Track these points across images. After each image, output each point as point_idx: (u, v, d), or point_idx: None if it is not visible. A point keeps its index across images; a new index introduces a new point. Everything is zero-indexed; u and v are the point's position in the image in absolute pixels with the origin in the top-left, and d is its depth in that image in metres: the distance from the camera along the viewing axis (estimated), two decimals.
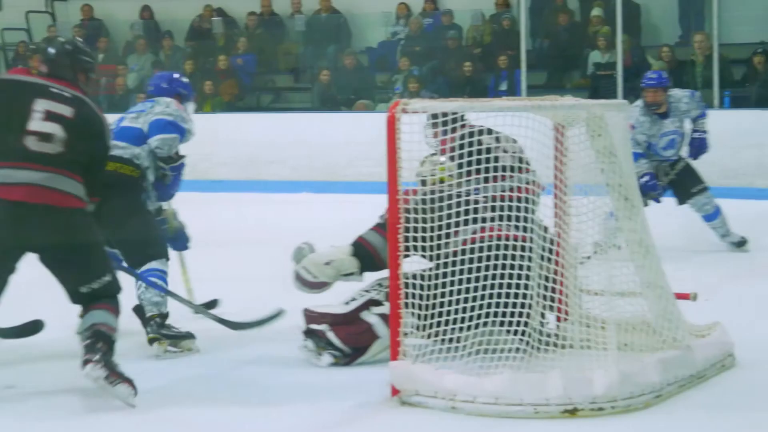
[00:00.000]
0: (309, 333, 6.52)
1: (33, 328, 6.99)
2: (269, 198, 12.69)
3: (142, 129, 7.13)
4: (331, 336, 6.42)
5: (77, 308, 5.92)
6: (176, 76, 7.69)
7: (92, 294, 5.90)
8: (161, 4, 20.93)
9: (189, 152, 7.30)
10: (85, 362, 5.70)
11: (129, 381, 5.74)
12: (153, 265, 6.89)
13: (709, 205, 10.14)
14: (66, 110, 5.94)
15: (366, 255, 6.65)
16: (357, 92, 18.87)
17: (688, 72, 16.33)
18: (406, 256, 6.02)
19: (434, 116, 6.09)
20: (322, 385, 6.14)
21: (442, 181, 6.48)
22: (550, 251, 6.22)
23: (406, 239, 5.97)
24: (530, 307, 6.01)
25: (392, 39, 19.35)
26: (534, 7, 18.36)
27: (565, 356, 5.87)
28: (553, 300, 6.19)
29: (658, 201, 10.03)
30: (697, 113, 10.21)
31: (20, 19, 21.30)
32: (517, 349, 5.89)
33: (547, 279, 6.18)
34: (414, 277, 6.01)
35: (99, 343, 5.76)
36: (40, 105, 5.92)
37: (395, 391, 5.68)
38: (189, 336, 6.96)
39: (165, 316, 6.96)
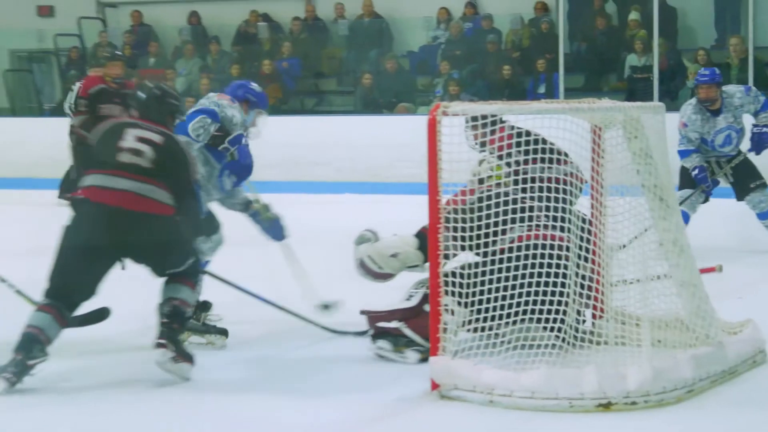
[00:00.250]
0: (380, 334, 6.48)
1: (99, 315, 7.04)
2: (313, 199, 12.74)
3: None
4: (409, 332, 6.43)
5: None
6: (251, 85, 7.71)
7: (178, 273, 6.29)
8: (209, 9, 21.01)
9: None
10: (158, 345, 6.07)
11: (190, 359, 6.12)
12: None
13: (765, 203, 9.87)
14: (155, 137, 6.33)
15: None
16: (398, 95, 18.88)
17: (724, 75, 16.19)
18: (455, 254, 6.11)
19: (474, 118, 6.11)
20: (366, 379, 6.18)
21: (498, 180, 6.49)
22: (587, 246, 6.24)
23: (455, 238, 6.06)
24: (567, 304, 6.03)
25: (433, 43, 19.36)
26: (572, 11, 18.32)
27: (600, 352, 5.86)
28: (589, 297, 6.21)
29: (709, 193, 9.86)
30: (755, 108, 9.89)
31: (72, 25, 21.40)
32: (554, 345, 5.90)
33: (584, 277, 6.20)
34: (459, 274, 6.05)
35: (174, 324, 6.17)
36: (132, 132, 6.32)
37: (435, 386, 5.70)
38: (219, 331, 7.06)
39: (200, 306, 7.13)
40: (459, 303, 6.01)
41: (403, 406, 5.68)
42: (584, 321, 6.13)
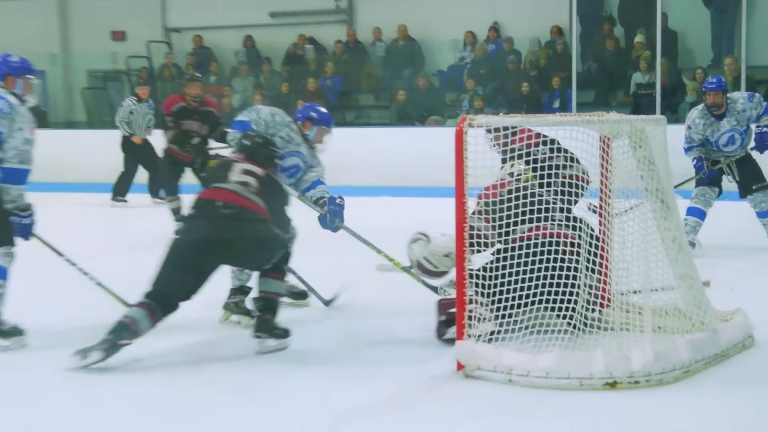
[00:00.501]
0: (451, 321, 6.26)
1: None
2: (354, 201, 12.67)
3: None
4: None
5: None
6: (316, 106, 7.80)
7: (269, 267, 6.50)
8: (262, 33, 21.04)
9: None
10: (256, 336, 6.41)
11: (286, 334, 6.47)
12: None
13: (765, 203, 9.79)
14: (258, 170, 6.62)
15: None
16: (429, 109, 18.88)
17: None
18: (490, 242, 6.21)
19: (496, 129, 6.12)
20: (398, 360, 6.20)
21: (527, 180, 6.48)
22: (595, 246, 6.24)
23: (489, 227, 6.17)
24: (577, 294, 6.03)
25: (460, 63, 19.34)
26: (584, 33, 18.27)
27: (607, 337, 5.88)
28: (597, 289, 6.21)
29: (704, 182, 9.78)
30: (757, 112, 9.81)
31: (142, 48, 21.49)
32: (565, 331, 5.93)
33: (593, 271, 6.21)
34: (483, 267, 6.06)
35: (266, 314, 6.46)
36: (239, 166, 6.63)
37: (460, 366, 5.72)
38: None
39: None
40: (483, 294, 6.03)
41: (432, 384, 5.70)
42: (593, 309, 6.12)
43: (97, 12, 22.50)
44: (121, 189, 15.17)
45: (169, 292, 6.22)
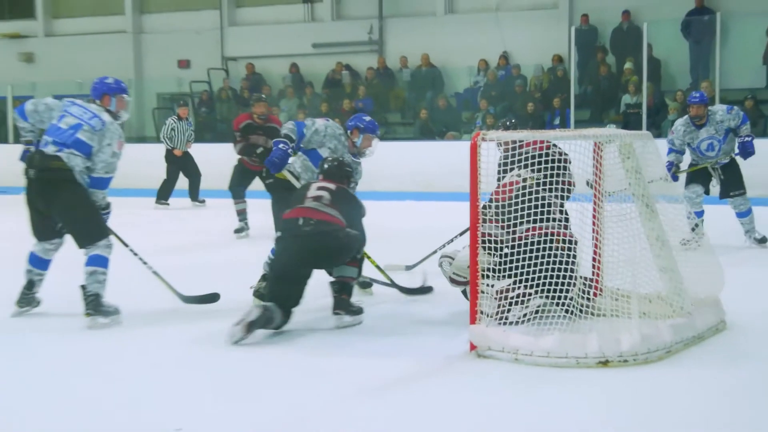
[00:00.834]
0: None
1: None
2: (381, 205, 12.73)
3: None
4: None
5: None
6: (363, 116, 7.83)
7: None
8: (305, 61, 21.09)
9: None
10: (335, 313, 6.58)
11: (360, 311, 6.63)
12: None
13: (743, 206, 9.80)
14: (331, 186, 6.80)
15: None
16: (448, 126, 18.88)
17: None
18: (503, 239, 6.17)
19: (506, 143, 6.10)
20: (419, 341, 6.16)
21: (532, 185, 6.44)
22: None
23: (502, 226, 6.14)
24: (573, 285, 6.00)
25: (474, 86, 19.32)
26: (581, 61, 18.24)
27: (599, 322, 5.83)
28: (590, 280, 6.18)
29: (675, 179, 9.60)
30: (735, 123, 9.72)
31: (203, 74, 21.60)
32: (564, 317, 5.90)
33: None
34: (494, 263, 6.04)
35: (343, 295, 6.63)
36: (314, 185, 6.81)
37: (473, 347, 5.70)
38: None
39: None
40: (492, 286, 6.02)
41: (449, 362, 5.67)
42: (587, 298, 6.08)
43: (165, 44, 22.67)
44: (163, 194, 15.49)
45: (282, 303, 6.28)
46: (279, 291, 6.32)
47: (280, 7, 21.82)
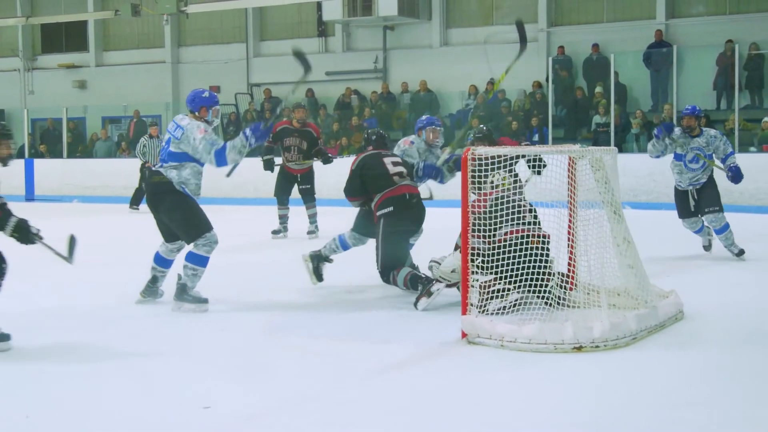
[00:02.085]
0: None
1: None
2: None
3: None
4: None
5: None
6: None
7: None
8: (319, 87, 21.06)
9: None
10: (418, 300, 6.68)
11: (428, 294, 6.63)
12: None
13: (716, 222, 8.85)
14: (398, 159, 7.38)
15: None
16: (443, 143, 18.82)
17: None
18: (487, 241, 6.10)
19: (493, 157, 6.07)
20: (416, 329, 6.13)
21: (506, 186, 6.42)
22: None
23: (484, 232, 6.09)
24: (551, 279, 5.97)
25: (465, 108, 19.27)
26: (557, 86, 18.19)
27: (574, 312, 5.79)
28: (566, 275, 6.16)
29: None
30: (724, 150, 8.87)
31: (231, 98, 21.61)
32: (543, 307, 5.87)
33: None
34: (480, 261, 6.01)
35: (422, 280, 6.78)
36: (387, 160, 7.29)
37: (464, 335, 5.66)
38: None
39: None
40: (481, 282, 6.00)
41: (443, 347, 5.64)
42: (563, 291, 6.05)
43: (199, 72, 22.73)
44: (135, 200, 15.62)
45: (398, 257, 7.00)
46: (396, 255, 6.95)
47: (298, 40, 21.80)
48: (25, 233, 5.63)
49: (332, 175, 13.33)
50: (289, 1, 19.80)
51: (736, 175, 8.96)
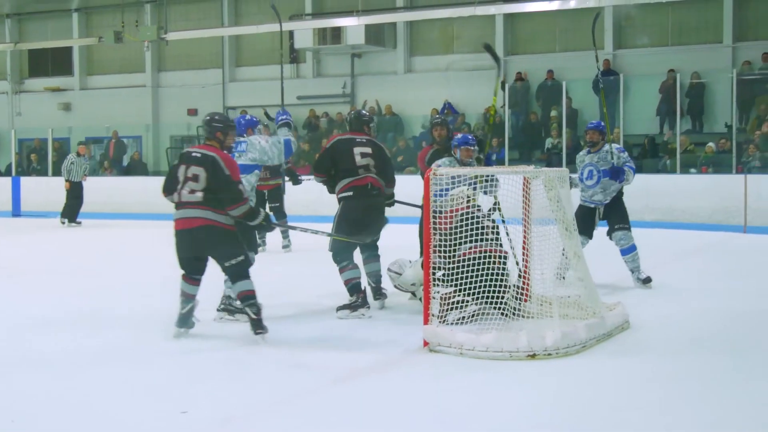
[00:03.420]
0: None
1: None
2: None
3: None
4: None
5: None
6: (458, 135, 8.12)
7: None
8: (291, 110, 20.88)
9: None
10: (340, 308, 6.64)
11: (351, 310, 6.55)
12: None
13: (624, 241, 8.13)
14: (369, 150, 7.03)
15: None
16: (406, 162, 18.86)
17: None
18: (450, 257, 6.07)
19: (453, 177, 6.09)
20: (381, 338, 6.12)
21: (472, 202, 6.43)
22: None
23: (447, 250, 6.06)
24: (507, 292, 5.99)
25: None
26: (513, 109, 18.30)
27: (528, 322, 5.82)
28: (521, 288, 6.18)
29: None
30: (618, 161, 8.13)
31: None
32: (500, 318, 5.88)
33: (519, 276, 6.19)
34: (442, 274, 6.02)
35: (360, 294, 6.66)
36: (357, 150, 6.94)
37: (426, 343, 5.67)
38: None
39: None
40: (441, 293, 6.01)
41: (405, 355, 5.65)
42: (519, 302, 6.07)
43: (178, 95, 22.68)
44: (67, 214, 15.61)
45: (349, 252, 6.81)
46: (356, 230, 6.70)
47: (271, 67, 21.82)
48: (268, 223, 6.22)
49: (300, 193, 13.11)
50: (263, 30, 19.79)
51: (615, 172, 8.10)
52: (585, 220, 8.08)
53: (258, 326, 5.90)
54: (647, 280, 8.15)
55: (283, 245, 11.44)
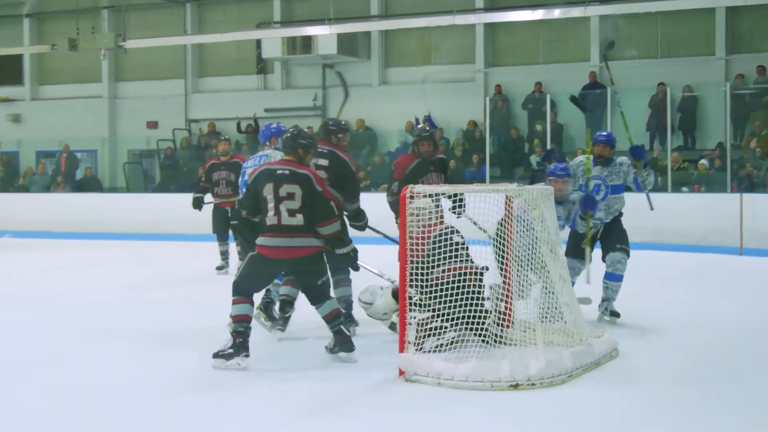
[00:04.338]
0: None
1: None
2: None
3: None
4: None
5: None
6: (551, 166, 7.90)
7: None
8: (259, 124, 21.02)
9: None
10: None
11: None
12: None
13: (621, 265, 7.62)
14: (323, 161, 7.06)
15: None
16: (382, 179, 18.86)
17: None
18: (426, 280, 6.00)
19: (431, 195, 6.09)
20: (357, 366, 6.11)
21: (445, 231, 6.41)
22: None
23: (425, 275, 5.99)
24: (487, 318, 5.99)
25: (403, 145, 19.37)
26: (493, 124, 18.38)
27: (511, 350, 5.81)
28: (503, 313, 6.17)
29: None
30: (629, 175, 7.90)
31: (168, 134, 21.48)
32: (480, 345, 5.87)
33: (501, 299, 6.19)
34: (417, 299, 6.00)
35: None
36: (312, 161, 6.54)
37: (401, 372, 5.67)
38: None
39: None
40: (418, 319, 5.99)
41: (381, 385, 5.64)
42: (501, 329, 6.07)
43: (137, 107, 22.57)
44: None
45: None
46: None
47: (237, 77, 21.82)
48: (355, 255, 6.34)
49: None
50: (227, 38, 19.78)
51: (636, 150, 7.89)
52: (579, 245, 7.76)
53: (345, 345, 6.17)
54: (616, 315, 7.68)
55: (218, 266, 11.53)
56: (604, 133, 8.22)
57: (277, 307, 7.18)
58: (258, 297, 6.53)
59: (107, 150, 22.44)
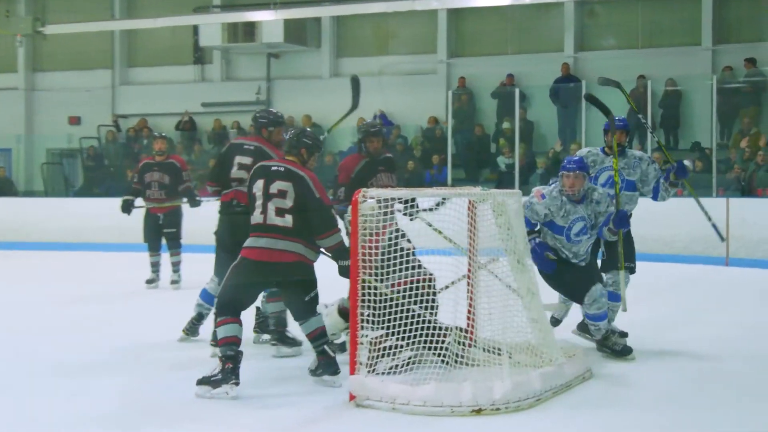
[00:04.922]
0: None
1: None
2: None
3: None
4: None
5: None
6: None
7: None
8: (196, 119, 20.91)
9: None
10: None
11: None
12: None
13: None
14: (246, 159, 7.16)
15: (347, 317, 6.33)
16: (333, 182, 18.85)
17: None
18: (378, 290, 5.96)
19: (385, 199, 6.07)
20: (302, 390, 6.08)
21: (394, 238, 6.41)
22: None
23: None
24: (447, 335, 6.00)
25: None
26: (456, 121, 18.45)
27: (473, 371, 5.83)
28: (465, 331, 6.19)
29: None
30: (647, 174, 7.82)
31: (93, 130, 21.30)
32: (439, 366, 5.88)
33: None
34: (368, 315, 5.98)
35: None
36: (238, 157, 7.08)
37: (352, 397, 5.66)
38: None
39: None
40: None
41: (329, 412, 5.62)
42: (462, 348, 6.08)
43: (58, 100, 22.34)
44: None
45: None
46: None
47: (171, 68, 21.70)
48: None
49: (200, 219, 12.85)
50: (161, 24, 19.66)
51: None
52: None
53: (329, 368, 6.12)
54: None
55: (172, 280, 11.35)
56: (621, 119, 7.88)
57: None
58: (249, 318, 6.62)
59: (23, 149, 22.17)
